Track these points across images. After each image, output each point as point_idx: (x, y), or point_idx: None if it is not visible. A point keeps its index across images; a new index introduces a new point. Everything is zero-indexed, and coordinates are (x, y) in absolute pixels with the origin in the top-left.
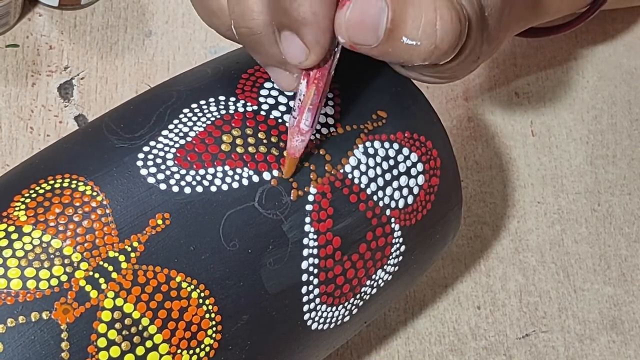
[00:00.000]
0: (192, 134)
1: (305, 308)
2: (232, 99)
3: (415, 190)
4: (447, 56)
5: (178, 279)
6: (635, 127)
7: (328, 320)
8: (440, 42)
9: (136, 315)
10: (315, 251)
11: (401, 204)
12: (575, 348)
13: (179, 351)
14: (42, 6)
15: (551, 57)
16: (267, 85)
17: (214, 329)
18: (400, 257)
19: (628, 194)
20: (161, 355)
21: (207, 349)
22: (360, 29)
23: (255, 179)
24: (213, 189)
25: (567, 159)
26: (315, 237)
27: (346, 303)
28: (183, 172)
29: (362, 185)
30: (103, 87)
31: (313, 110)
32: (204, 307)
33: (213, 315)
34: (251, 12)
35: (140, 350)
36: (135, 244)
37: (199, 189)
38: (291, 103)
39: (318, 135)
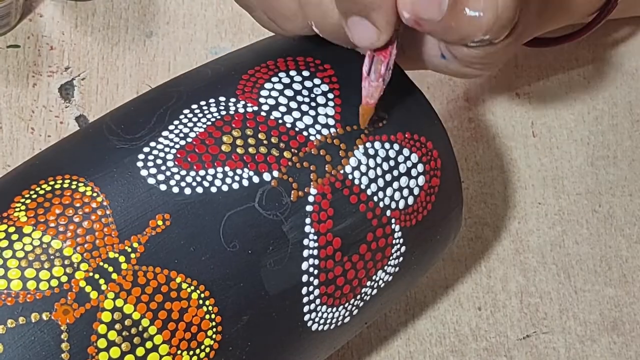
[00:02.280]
0: (192, 134)
1: (306, 309)
2: (233, 99)
3: (416, 191)
4: (505, 29)
5: (178, 279)
6: (636, 128)
7: (328, 321)
8: (501, 13)
9: (136, 316)
10: (315, 252)
11: (402, 204)
12: (576, 349)
13: (179, 352)
14: (47, 2)
15: (552, 58)
16: (268, 86)
17: (214, 329)
18: (401, 258)
19: (629, 195)
20: (161, 356)
21: (207, 349)
22: (425, 3)
23: (256, 179)
24: (213, 189)
25: (568, 160)
26: (315, 237)
27: (346, 304)
28: (183, 173)
29: (363, 186)
30: (104, 88)
31: (385, 62)
32: (204, 308)
33: (213, 316)
34: (332, 11)
35: (140, 351)
36: (135, 244)
37: (199, 189)
38: (291, 104)
39: (318, 136)
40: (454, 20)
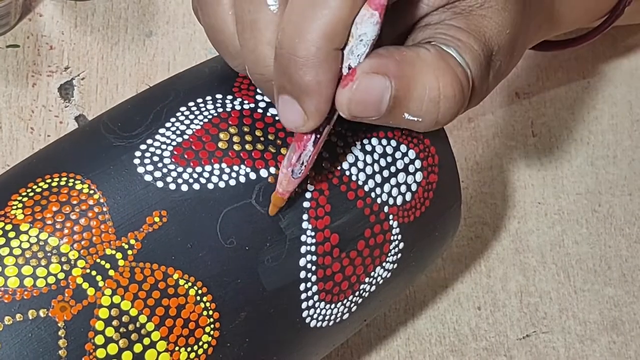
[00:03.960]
0: (189, 132)
1: (304, 305)
2: (229, 97)
3: (414, 187)
4: (448, 121)
5: (175, 276)
6: (635, 128)
7: (327, 318)
8: (442, 117)
9: (134, 312)
10: (313, 248)
11: (399, 200)
12: (576, 349)
13: (176, 348)
14: (47, 2)
15: (552, 57)
16: None
17: (212, 326)
18: (399, 255)
19: (629, 195)
20: (159, 353)
21: (205, 346)
22: (363, 106)
23: (253, 176)
24: (210, 186)
25: (567, 160)
26: (313, 234)
27: (345, 300)
28: (180, 169)
29: (360, 182)
30: (103, 88)
31: (308, 164)
32: (202, 305)
33: (211, 312)
34: (264, 60)
35: (138, 348)
36: (132, 241)
37: (196, 186)
38: None
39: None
40: (392, 120)
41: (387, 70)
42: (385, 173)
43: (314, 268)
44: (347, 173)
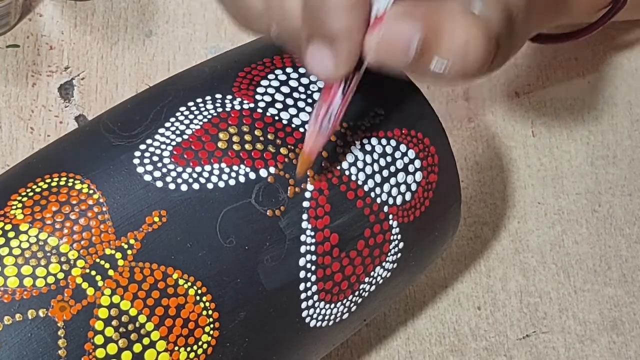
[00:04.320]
0: (188, 131)
1: (303, 305)
2: (229, 96)
3: (413, 187)
4: (474, 76)
5: (175, 276)
6: (635, 128)
7: (326, 318)
8: (470, 66)
9: (133, 312)
10: (312, 248)
11: (399, 200)
12: (576, 349)
13: (176, 348)
14: (47, 2)
15: (552, 57)
16: (264, 83)
17: (212, 326)
18: (399, 254)
19: (629, 195)
20: (159, 353)
21: (205, 346)
22: (391, 51)
23: (252, 176)
24: (210, 186)
25: (567, 160)
26: (312, 233)
27: (345, 300)
28: (180, 169)
29: (360, 182)
30: (103, 87)
31: (337, 118)
32: (201, 304)
33: (210, 312)
34: (292, 12)
35: (137, 348)
36: (131, 241)
37: (196, 186)
38: (288, 100)
39: None
40: (419, 69)
41: (415, 15)
42: (385, 173)
43: (313, 268)
44: (347, 173)
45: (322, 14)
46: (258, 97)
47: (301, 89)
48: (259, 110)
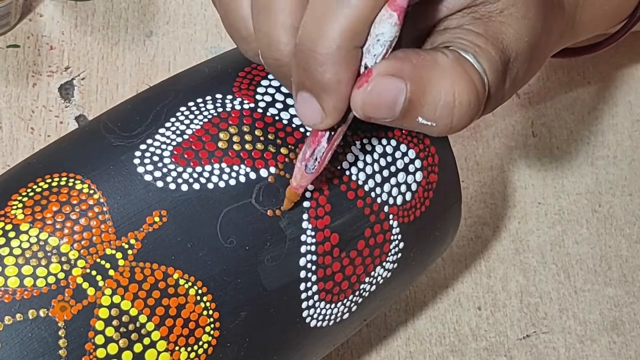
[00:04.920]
0: (189, 131)
1: (304, 305)
2: (229, 96)
3: (414, 186)
4: (462, 128)
5: (175, 276)
6: (636, 128)
7: (327, 318)
8: (456, 123)
9: (134, 312)
10: (313, 248)
11: (399, 200)
12: (576, 349)
13: (177, 348)
14: (47, 2)
15: (552, 58)
16: (264, 83)
17: (212, 326)
18: (399, 254)
19: (629, 195)
20: (159, 353)
21: (205, 345)
22: (377, 108)
23: (253, 176)
24: (210, 186)
25: (568, 160)
26: (313, 233)
27: (345, 300)
28: (180, 169)
29: (360, 182)
30: (104, 88)
31: (322, 160)
32: (202, 304)
33: (211, 312)
34: (277, 43)
35: (138, 348)
36: (132, 241)
37: (196, 186)
38: (288, 100)
39: None
40: (406, 123)
41: (402, 72)
42: (385, 173)
43: (314, 268)
44: (347, 173)
45: (311, 65)
46: (258, 97)
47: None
48: (260, 110)
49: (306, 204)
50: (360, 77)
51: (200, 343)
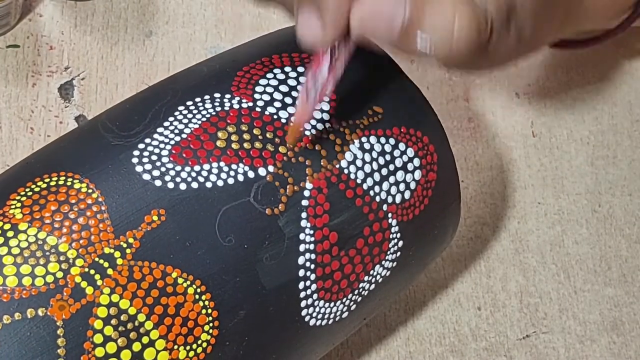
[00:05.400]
0: (187, 130)
1: (303, 304)
2: (228, 96)
3: (412, 185)
4: (463, 58)
5: (174, 274)
6: (635, 128)
7: (326, 316)
8: (456, 47)
9: (132, 311)
10: (311, 246)
11: (398, 199)
12: (576, 349)
13: (175, 347)
14: (47, 2)
15: (551, 57)
16: (262, 82)
17: (211, 324)
18: (398, 253)
19: (629, 195)
20: (158, 351)
21: (204, 344)
22: (375, 26)
23: (251, 174)
24: (208, 185)
25: (567, 160)
26: (311, 232)
27: (344, 299)
28: (178, 168)
29: (359, 181)
30: (103, 88)
31: (323, 89)
32: (201, 303)
33: (210, 310)
34: None
35: (136, 347)
36: (130, 240)
37: (194, 185)
38: (286, 99)
39: (313, 131)
40: (405, 44)
41: None
42: (384, 171)
43: (312, 266)
44: (346, 171)
45: None
46: (257, 96)
47: (300, 88)
48: (258, 109)
49: (305, 202)
50: None
51: (199, 342)
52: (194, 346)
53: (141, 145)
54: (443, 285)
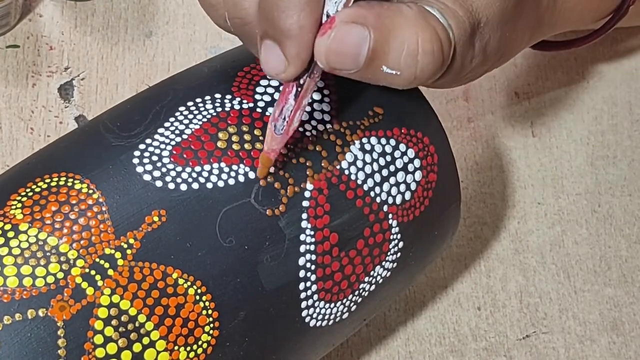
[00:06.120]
0: (188, 131)
1: (303, 305)
2: (228, 96)
3: (413, 186)
4: (428, 82)
5: (174, 275)
6: (635, 128)
7: (326, 317)
8: (420, 73)
9: (133, 312)
10: (312, 247)
11: (398, 200)
12: (576, 349)
13: (176, 348)
14: (47, 2)
15: (551, 57)
16: (263, 82)
17: (211, 325)
18: (399, 254)
19: (628, 195)
20: (158, 352)
21: (205, 345)
22: (340, 56)
23: (252, 175)
24: (209, 185)
25: (567, 160)
26: (312, 233)
27: (344, 300)
28: (179, 169)
29: (359, 182)
30: (103, 88)
31: (291, 118)
32: (201, 304)
33: (210, 311)
34: (242, 2)
35: (137, 347)
36: (131, 240)
37: (195, 185)
38: None
39: (314, 132)
40: (370, 74)
41: (366, 20)
42: (385, 172)
43: (313, 267)
44: (346, 172)
45: (273, 12)
46: (257, 96)
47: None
48: (259, 110)
49: (305, 203)
50: (323, 25)
51: (200, 343)
52: (195, 347)
53: (142, 146)
54: (443, 285)
